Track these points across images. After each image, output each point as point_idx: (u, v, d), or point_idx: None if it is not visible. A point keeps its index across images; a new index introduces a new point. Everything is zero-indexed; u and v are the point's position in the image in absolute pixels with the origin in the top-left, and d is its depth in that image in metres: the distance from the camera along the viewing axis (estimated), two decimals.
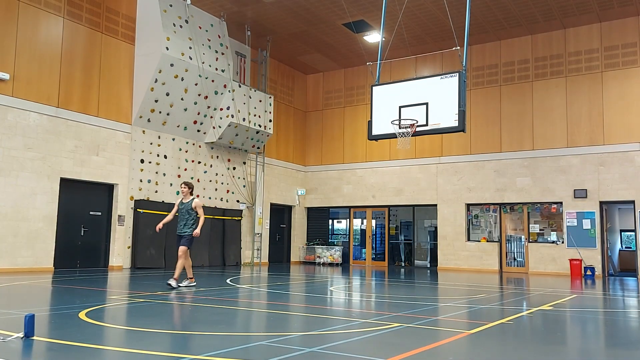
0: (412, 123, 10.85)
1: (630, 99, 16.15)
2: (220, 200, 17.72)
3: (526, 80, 17.82)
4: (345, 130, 21.12)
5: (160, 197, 15.63)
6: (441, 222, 18.79)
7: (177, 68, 15.27)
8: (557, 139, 17.07)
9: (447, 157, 18.85)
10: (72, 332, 4.98)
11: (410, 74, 18.87)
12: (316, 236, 21.49)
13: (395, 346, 4.69)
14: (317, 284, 11.80)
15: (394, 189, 19.79)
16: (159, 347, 4.45)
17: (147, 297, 8.06)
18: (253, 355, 4.23)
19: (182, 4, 15.68)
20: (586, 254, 16.25)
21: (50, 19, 13.34)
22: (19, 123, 12.56)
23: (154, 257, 15.14)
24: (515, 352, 4.72)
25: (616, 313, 7.87)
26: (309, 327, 5.86)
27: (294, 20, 17.08)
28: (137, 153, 15.08)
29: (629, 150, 15.97)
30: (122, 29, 15.01)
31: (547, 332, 5.79)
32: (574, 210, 16.61)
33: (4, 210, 12.25)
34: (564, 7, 15.84)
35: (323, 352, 4.35)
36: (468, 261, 18.11)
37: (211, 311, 6.81)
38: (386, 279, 13.89)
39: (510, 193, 17.70)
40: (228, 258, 17.54)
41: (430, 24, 17.06)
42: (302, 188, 21.58)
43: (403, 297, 9.14)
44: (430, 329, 5.75)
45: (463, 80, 10.70)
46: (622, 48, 16.44)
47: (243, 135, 17.76)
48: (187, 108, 16.09)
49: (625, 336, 5.87)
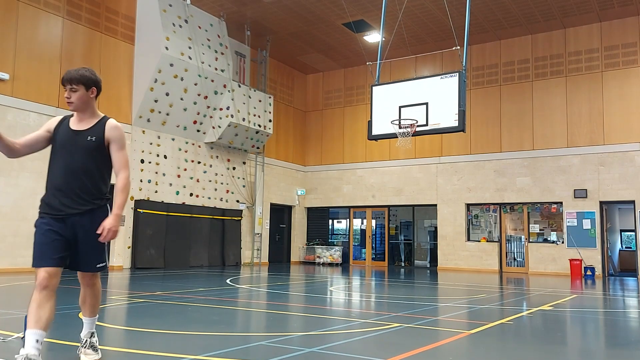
0: (412, 123, 10.85)
1: (630, 99, 16.14)
2: (220, 200, 17.71)
3: (526, 80, 17.82)
4: (345, 130, 21.11)
5: (160, 197, 15.62)
6: (441, 222, 18.78)
7: (176, 68, 15.27)
8: (557, 139, 17.06)
9: (447, 157, 18.84)
10: (72, 332, 4.97)
11: (410, 74, 18.86)
12: (316, 236, 21.48)
13: (395, 346, 4.69)
14: (317, 284, 11.80)
15: (393, 188, 19.79)
16: (158, 347, 4.44)
17: (146, 297, 8.06)
18: (253, 356, 4.22)
19: (182, 4, 15.68)
20: (586, 254, 16.25)
21: (49, 19, 13.33)
22: (19, 123, 12.56)
23: (154, 257, 15.14)
24: (515, 352, 4.72)
25: (616, 313, 7.87)
26: (309, 327, 5.86)
27: (293, 20, 17.07)
28: (137, 153, 15.07)
29: (629, 150, 15.97)
30: (122, 28, 15.00)
31: (547, 332, 5.79)
32: (574, 210, 16.61)
33: (4, 210, 12.25)
34: (564, 6, 15.83)
35: (323, 352, 4.35)
36: (468, 261, 18.10)
37: (211, 311, 6.80)
38: (386, 279, 13.88)
39: (510, 193, 17.70)
40: (228, 258, 17.54)
41: (430, 23, 17.05)
42: (302, 188, 21.57)
43: (403, 297, 9.13)
44: (430, 329, 5.74)
45: (463, 80, 10.70)
46: (622, 48, 16.43)
47: (243, 135, 17.75)
48: (186, 108, 16.08)
49: (625, 336, 5.86)
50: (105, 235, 3.46)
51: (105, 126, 3.69)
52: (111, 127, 3.69)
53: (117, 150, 3.69)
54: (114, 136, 3.69)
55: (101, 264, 3.71)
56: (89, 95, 3.67)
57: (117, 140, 3.69)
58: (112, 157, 3.69)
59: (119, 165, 3.67)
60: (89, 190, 3.61)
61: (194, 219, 16.47)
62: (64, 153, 3.64)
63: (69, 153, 3.63)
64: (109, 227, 3.47)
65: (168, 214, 15.56)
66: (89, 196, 3.61)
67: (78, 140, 3.63)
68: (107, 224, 3.48)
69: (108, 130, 3.68)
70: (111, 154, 3.69)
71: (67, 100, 3.66)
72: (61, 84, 3.67)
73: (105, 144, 3.67)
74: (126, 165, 3.68)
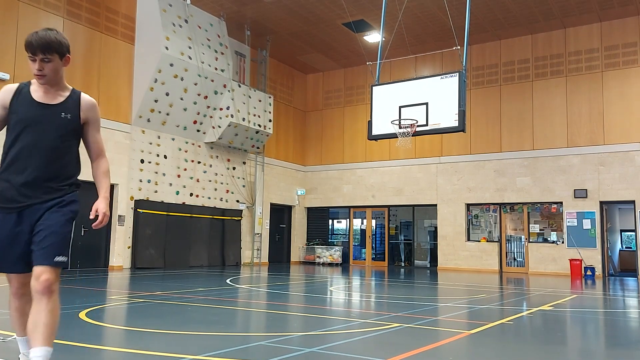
0: (412, 123, 10.85)
1: (630, 99, 16.14)
2: (219, 200, 17.70)
3: (526, 80, 17.81)
4: (345, 130, 21.11)
5: (160, 197, 15.61)
6: (441, 222, 18.78)
7: (176, 68, 15.26)
8: (557, 138, 17.06)
9: (447, 157, 18.84)
10: (72, 332, 4.97)
11: (410, 73, 18.86)
12: (316, 236, 21.48)
13: (395, 346, 4.69)
14: (317, 284, 11.80)
15: (393, 188, 19.78)
16: (158, 347, 4.44)
17: (146, 297, 8.06)
18: (253, 356, 4.22)
19: (182, 4, 15.67)
20: (586, 254, 16.24)
21: (49, 19, 13.32)
22: None
23: (154, 257, 15.14)
24: (515, 352, 4.72)
25: (616, 313, 7.87)
26: (309, 327, 5.85)
27: (293, 19, 17.07)
28: (137, 153, 15.06)
29: (629, 150, 15.97)
30: (122, 28, 15.00)
31: (547, 332, 5.79)
32: (574, 210, 16.60)
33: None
34: (564, 6, 15.83)
35: (323, 352, 4.35)
36: (468, 261, 18.10)
37: (211, 311, 6.80)
38: (386, 279, 13.88)
39: (510, 193, 17.69)
40: (228, 258, 17.54)
41: (430, 23, 17.05)
42: (302, 188, 21.56)
43: (403, 297, 9.13)
44: (430, 329, 5.74)
45: (463, 80, 10.70)
46: (622, 48, 16.43)
47: (242, 135, 17.75)
48: (186, 108, 16.08)
49: (625, 336, 5.86)
50: (101, 219, 3.01)
51: (81, 103, 3.10)
52: (88, 105, 3.13)
53: (96, 132, 3.17)
54: (92, 117, 3.15)
55: (61, 258, 2.93)
56: (63, 65, 3.02)
57: (95, 121, 3.17)
58: (89, 139, 3.17)
59: (98, 149, 3.20)
60: (58, 177, 3.05)
61: (194, 219, 16.47)
62: (30, 132, 2.96)
63: (35, 132, 2.96)
64: (103, 210, 3.02)
65: (168, 214, 15.55)
66: (57, 183, 3.05)
67: (48, 117, 2.97)
68: (102, 208, 3.02)
69: (86, 109, 3.11)
70: (87, 136, 3.16)
71: (37, 73, 2.94)
72: (27, 51, 2.92)
73: (81, 124, 3.11)
74: (102, 147, 3.24)
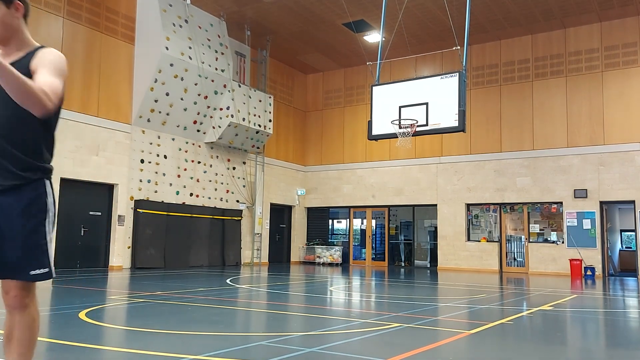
0: (412, 123, 10.85)
1: (630, 98, 16.14)
2: (220, 200, 17.70)
3: (526, 80, 17.81)
4: (345, 130, 21.10)
5: (160, 197, 15.61)
6: (441, 222, 18.78)
7: (176, 68, 15.26)
8: (557, 138, 17.06)
9: (447, 157, 18.83)
10: (72, 332, 4.97)
11: (410, 74, 18.85)
12: (316, 236, 21.47)
13: (395, 346, 4.69)
14: (317, 284, 11.80)
15: (393, 188, 19.78)
16: (158, 347, 4.44)
17: (146, 297, 8.06)
18: (253, 356, 4.22)
19: (182, 4, 15.67)
20: (586, 254, 16.24)
21: (50, 19, 13.32)
22: None
23: (154, 257, 15.14)
24: (515, 352, 4.72)
25: (616, 313, 7.87)
26: (309, 327, 5.86)
27: (293, 20, 17.07)
28: (137, 153, 15.06)
29: (629, 150, 15.96)
30: (122, 28, 15.00)
31: (547, 332, 5.79)
32: (574, 210, 16.60)
33: None
34: (564, 6, 15.83)
35: (323, 352, 4.35)
36: (468, 261, 18.09)
37: (211, 311, 6.80)
38: (386, 279, 13.88)
39: (510, 193, 17.69)
40: (228, 258, 17.54)
41: (430, 23, 17.05)
42: (302, 188, 21.56)
43: (403, 297, 9.13)
44: (430, 329, 5.74)
45: (463, 80, 10.70)
46: (622, 48, 16.42)
47: (243, 135, 17.75)
48: (186, 108, 16.08)
49: (625, 336, 5.86)
50: None
51: (35, 54, 2.44)
52: (41, 52, 2.46)
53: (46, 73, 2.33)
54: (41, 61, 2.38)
55: (39, 270, 2.34)
56: (13, 14, 2.42)
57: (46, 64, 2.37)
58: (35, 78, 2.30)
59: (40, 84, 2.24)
60: (17, 157, 2.35)
61: (194, 219, 16.47)
62: None
63: None
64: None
65: (168, 213, 15.55)
66: (17, 165, 2.35)
67: None
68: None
69: (37, 57, 2.41)
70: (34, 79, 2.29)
71: None
72: None
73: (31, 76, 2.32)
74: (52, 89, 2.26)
